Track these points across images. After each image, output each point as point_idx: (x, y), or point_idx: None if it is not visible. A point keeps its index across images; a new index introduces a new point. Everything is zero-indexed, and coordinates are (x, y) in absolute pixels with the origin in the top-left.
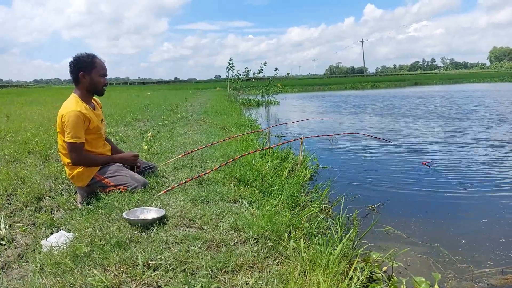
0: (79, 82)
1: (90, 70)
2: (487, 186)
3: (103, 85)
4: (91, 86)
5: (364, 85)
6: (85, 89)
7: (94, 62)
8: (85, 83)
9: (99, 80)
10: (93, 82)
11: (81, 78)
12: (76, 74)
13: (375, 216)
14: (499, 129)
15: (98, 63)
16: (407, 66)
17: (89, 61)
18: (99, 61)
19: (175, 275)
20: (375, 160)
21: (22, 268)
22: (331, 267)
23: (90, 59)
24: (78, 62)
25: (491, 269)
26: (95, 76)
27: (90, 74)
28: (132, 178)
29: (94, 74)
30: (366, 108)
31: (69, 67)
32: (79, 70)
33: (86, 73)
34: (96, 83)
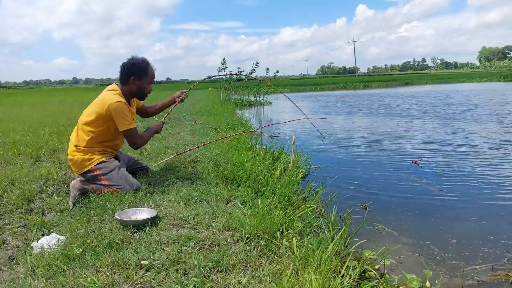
0: (127, 83)
1: (141, 77)
2: (477, 184)
3: (148, 92)
4: (137, 91)
5: (355, 85)
6: (130, 91)
7: (147, 69)
8: (132, 87)
9: (146, 87)
10: (141, 88)
11: (130, 82)
12: (128, 76)
13: (367, 214)
14: (493, 129)
15: (150, 71)
16: (398, 66)
17: (143, 68)
18: (151, 69)
19: (168, 275)
20: (366, 159)
21: (13, 271)
22: (324, 265)
23: (144, 66)
24: (133, 67)
25: (482, 266)
26: (144, 83)
27: (140, 80)
28: (127, 181)
29: (143, 81)
30: (360, 108)
31: (122, 69)
32: (132, 75)
33: (137, 79)
34: (143, 90)
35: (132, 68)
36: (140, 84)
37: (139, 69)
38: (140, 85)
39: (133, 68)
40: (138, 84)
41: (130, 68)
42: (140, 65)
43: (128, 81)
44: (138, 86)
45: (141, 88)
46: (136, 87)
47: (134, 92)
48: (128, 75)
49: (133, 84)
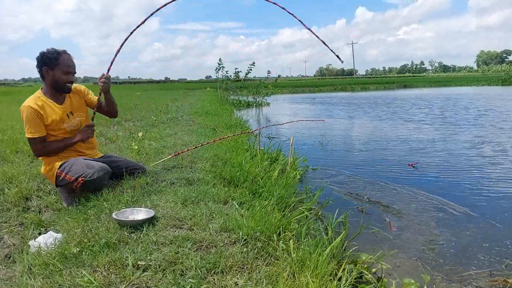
0: (44, 77)
1: (53, 66)
2: (474, 189)
3: (66, 82)
4: (54, 83)
5: (354, 87)
6: (50, 85)
7: (58, 58)
8: (48, 79)
9: (60, 77)
10: (55, 79)
11: (44, 73)
12: (40, 69)
13: (364, 217)
14: (492, 135)
15: (62, 59)
16: (396, 69)
17: (53, 57)
18: (64, 57)
19: (165, 276)
20: (363, 162)
21: (10, 269)
22: (320, 268)
23: (54, 55)
24: (42, 57)
25: (480, 271)
26: (57, 73)
27: (53, 70)
28: (88, 166)
29: (56, 71)
30: (361, 111)
31: (36, 63)
32: (43, 66)
33: (49, 69)
34: (59, 80)
35: (42, 59)
36: (54, 74)
37: (48, 59)
38: (55, 75)
39: (42, 59)
40: (52, 73)
41: (40, 59)
42: (49, 55)
43: (43, 75)
44: (52, 77)
45: (56, 78)
46: (51, 78)
47: (53, 85)
48: (41, 68)
49: (48, 76)
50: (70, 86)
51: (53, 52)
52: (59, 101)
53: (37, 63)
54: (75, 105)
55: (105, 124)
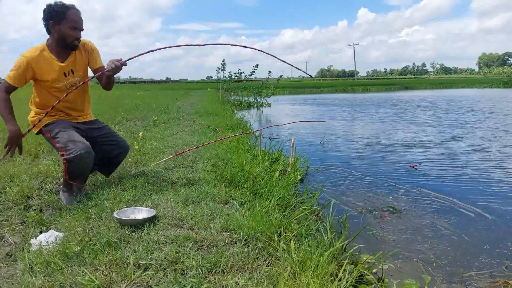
0: (49, 32)
1: (59, 21)
2: (475, 190)
3: (74, 39)
4: (60, 38)
5: (355, 89)
6: (55, 40)
7: (65, 12)
8: (54, 34)
9: (68, 32)
10: (62, 34)
11: (50, 28)
12: (46, 22)
13: (364, 218)
14: (498, 138)
15: (70, 14)
16: (398, 70)
17: (60, 11)
18: (72, 12)
19: (166, 275)
20: (364, 163)
21: (11, 267)
22: (321, 269)
23: (61, 9)
24: (49, 10)
25: (480, 272)
26: (64, 28)
27: (60, 25)
28: (72, 141)
29: (63, 26)
30: (364, 112)
31: (42, 15)
32: (49, 19)
33: (56, 23)
34: (65, 35)
35: (48, 12)
36: (60, 29)
37: (55, 12)
38: (61, 31)
39: (49, 12)
40: (58, 29)
41: (47, 12)
42: (56, 8)
43: (49, 29)
44: (58, 32)
45: (62, 33)
46: (57, 33)
47: (58, 40)
48: (47, 22)
49: (54, 30)
50: (77, 43)
51: (61, 5)
52: (61, 57)
53: (43, 15)
54: (79, 63)
55: (106, 124)
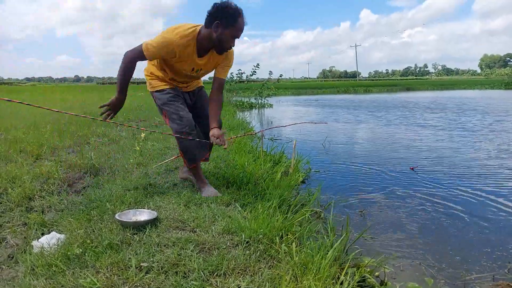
0: (210, 27)
1: (227, 26)
2: (477, 192)
3: (229, 47)
4: (216, 39)
5: (356, 89)
6: (209, 37)
7: (236, 20)
8: (214, 33)
9: (228, 39)
10: (221, 38)
11: (214, 26)
12: (212, 19)
13: (366, 220)
14: (499, 140)
15: (239, 22)
16: (399, 72)
17: (233, 17)
18: (241, 20)
19: (167, 278)
20: (366, 164)
21: (13, 269)
22: (323, 272)
23: (235, 15)
24: (222, 10)
25: (483, 275)
26: (227, 34)
27: (225, 29)
28: (180, 118)
29: (227, 31)
30: (370, 114)
31: (211, 8)
32: (217, 19)
33: (222, 26)
34: (223, 41)
35: (221, 11)
36: (223, 32)
37: (228, 15)
38: (223, 34)
39: (222, 12)
40: (221, 31)
41: (219, 11)
42: (231, 12)
43: (212, 25)
44: (220, 34)
45: (222, 37)
46: (218, 35)
47: (214, 40)
48: (213, 17)
49: (216, 30)
50: (227, 50)
51: (236, 11)
52: (201, 53)
53: (214, 10)
54: (211, 64)
55: (107, 125)
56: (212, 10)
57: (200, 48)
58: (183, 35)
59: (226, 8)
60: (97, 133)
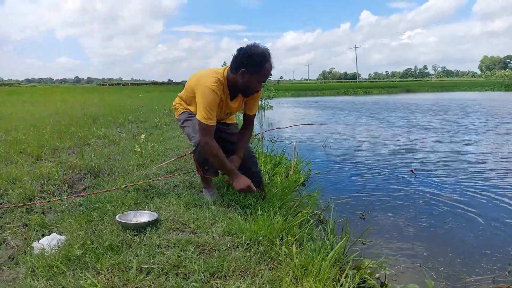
0: (236, 73)
1: (253, 72)
2: (477, 194)
3: (255, 91)
4: (243, 85)
5: (356, 91)
6: (235, 82)
7: (262, 67)
8: (240, 79)
9: (254, 85)
10: (247, 84)
11: (240, 73)
12: (239, 66)
13: (366, 222)
14: (498, 142)
15: (265, 70)
16: (399, 73)
17: (260, 64)
18: (268, 66)
19: (168, 279)
20: (366, 166)
21: (13, 270)
22: (323, 273)
23: (261, 61)
24: (249, 58)
25: (482, 277)
26: (253, 79)
27: (251, 75)
28: (194, 129)
29: (253, 78)
30: (372, 117)
31: (236, 53)
32: (244, 66)
33: (248, 72)
34: (249, 86)
35: (247, 59)
36: (249, 79)
37: (254, 63)
38: (249, 80)
39: (248, 59)
40: (247, 78)
41: (246, 58)
42: (257, 59)
43: (238, 71)
44: (246, 80)
45: (248, 84)
46: (244, 81)
47: (239, 85)
48: (239, 64)
49: (242, 77)
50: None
51: (262, 57)
52: (232, 97)
53: (239, 57)
54: (239, 106)
55: (108, 126)
56: (238, 56)
57: (231, 92)
58: (213, 82)
59: (252, 55)
60: (98, 134)
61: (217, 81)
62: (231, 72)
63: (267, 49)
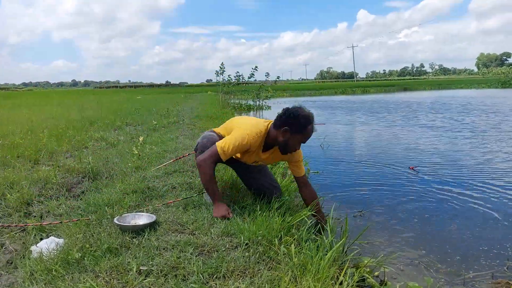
0: (279, 130)
1: (295, 132)
2: (476, 191)
3: (293, 150)
4: (282, 142)
5: (354, 90)
6: (276, 138)
7: (305, 129)
8: (281, 136)
9: (294, 144)
10: (287, 143)
11: (282, 130)
12: (282, 124)
13: (365, 221)
14: (496, 139)
15: (307, 132)
16: (397, 72)
17: (302, 124)
18: (309, 129)
19: (167, 281)
20: (365, 165)
21: (12, 275)
22: (322, 272)
23: (305, 124)
24: (294, 118)
25: (481, 273)
26: (294, 140)
27: (293, 136)
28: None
29: (294, 138)
30: (372, 116)
31: (282, 112)
32: (287, 125)
33: (290, 132)
34: (289, 145)
35: (292, 119)
36: (290, 137)
37: (298, 125)
38: (290, 139)
39: (293, 119)
40: (288, 136)
41: (290, 118)
42: (302, 120)
43: (280, 129)
44: (287, 138)
45: (288, 143)
46: (285, 139)
47: (279, 142)
48: (283, 123)
49: (284, 135)
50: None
51: (307, 119)
52: (264, 149)
53: (284, 116)
54: (273, 158)
55: (105, 129)
56: (284, 116)
57: (266, 144)
58: (256, 132)
59: (298, 117)
60: (95, 137)
61: (257, 134)
62: (274, 127)
63: (311, 113)
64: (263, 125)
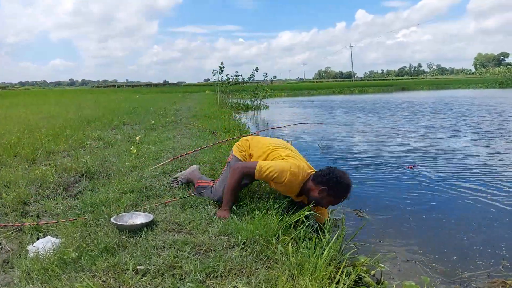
0: (317, 185)
1: (330, 195)
2: (473, 191)
3: (321, 207)
4: (315, 197)
5: (352, 90)
6: (310, 191)
7: (341, 194)
8: (315, 191)
9: (325, 203)
10: (320, 201)
11: (320, 189)
12: (322, 182)
13: (362, 220)
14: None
15: (341, 198)
16: (395, 71)
17: (340, 191)
18: (344, 197)
19: (164, 280)
20: (362, 164)
21: (8, 274)
22: (319, 271)
23: (342, 192)
24: (335, 183)
25: (478, 273)
26: (327, 199)
27: (327, 197)
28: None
29: (328, 199)
30: (373, 116)
31: (326, 171)
32: (327, 185)
33: (326, 193)
34: (320, 202)
35: (333, 183)
36: (324, 197)
37: (337, 190)
38: (323, 198)
39: (334, 183)
40: (323, 195)
41: (332, 181)
42: (341, 187)
43: (319, 185)
44: (321, 196)
45: (321, 200)
46: (319, 196)
47: (312, 196)
48: (324, 182)
49: (320, 192)
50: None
51: (346, 188)
52: (299, 194)
53: (326, 176)
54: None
55: (103, 128)
56: (327, 176)
57: (301, 190)
58: (301, 173)
59: (340, 184)
60: (92, 136)
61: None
62: (313, 180)
63: (352, 182)
64: (306, 172)
